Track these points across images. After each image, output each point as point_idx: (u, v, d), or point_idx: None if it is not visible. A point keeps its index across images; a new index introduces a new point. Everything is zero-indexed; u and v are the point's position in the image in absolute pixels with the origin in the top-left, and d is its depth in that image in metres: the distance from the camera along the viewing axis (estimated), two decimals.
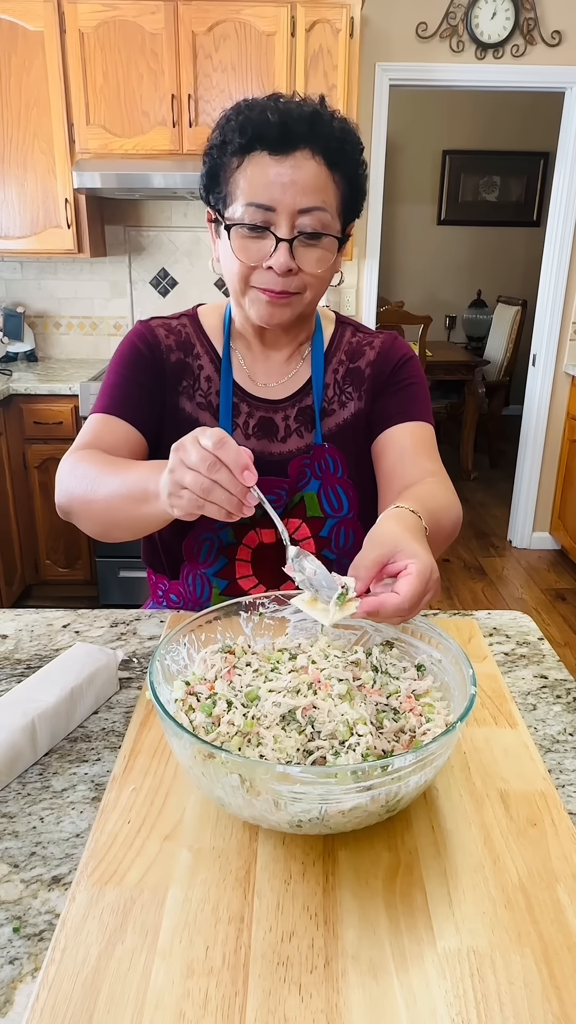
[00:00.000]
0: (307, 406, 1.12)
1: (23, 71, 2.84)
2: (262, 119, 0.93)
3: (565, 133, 3.44)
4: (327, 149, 0.94)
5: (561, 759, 0.80)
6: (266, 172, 0.93)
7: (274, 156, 0.93)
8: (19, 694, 0.82)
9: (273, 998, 0.53)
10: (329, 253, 0.98)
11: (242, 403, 1.11)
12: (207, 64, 2.83)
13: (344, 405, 1.12)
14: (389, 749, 0.69)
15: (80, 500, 0.97)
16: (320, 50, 2.82)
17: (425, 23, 3.19)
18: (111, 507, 0.93)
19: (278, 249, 0.94)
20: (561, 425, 3.78)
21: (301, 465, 1.09)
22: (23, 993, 0.55)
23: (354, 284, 3.50)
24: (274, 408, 1.11)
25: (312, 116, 0.94)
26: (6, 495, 2.96)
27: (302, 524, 1.10)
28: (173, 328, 1.12)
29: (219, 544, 1.09)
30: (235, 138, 0.94)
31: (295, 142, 0.92)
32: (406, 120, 5.70)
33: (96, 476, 0.95)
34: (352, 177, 1.00)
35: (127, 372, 1.09)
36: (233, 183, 0.96)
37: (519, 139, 6.01)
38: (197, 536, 1.09)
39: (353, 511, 1.11)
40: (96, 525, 0.99)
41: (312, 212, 0.94)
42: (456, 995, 0.53)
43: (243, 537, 1.09)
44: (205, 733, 0.70)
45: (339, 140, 0.95)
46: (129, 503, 0.89)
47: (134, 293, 3.50)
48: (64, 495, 1.00)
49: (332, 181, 0.96)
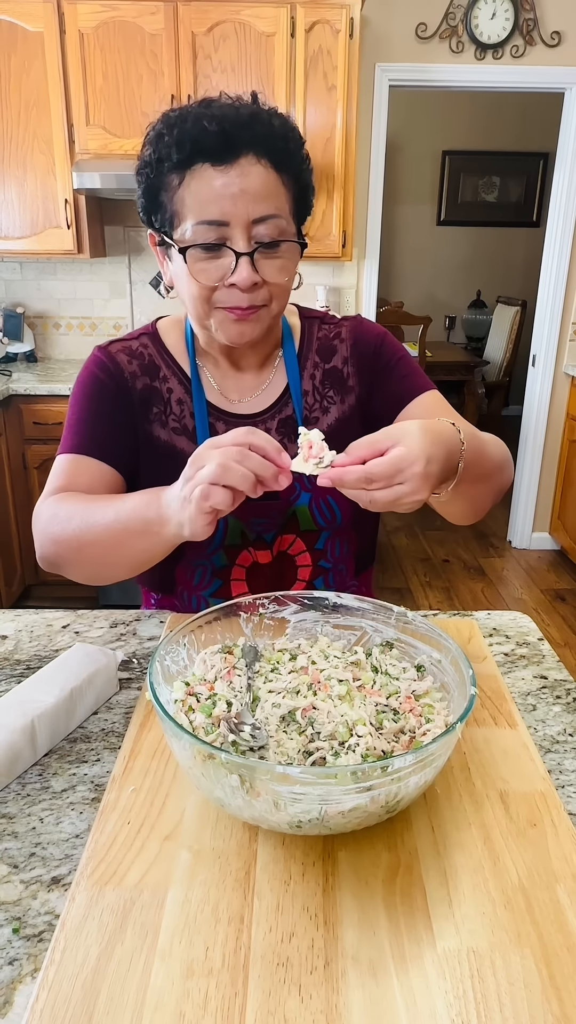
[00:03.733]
0: (288, 416, 1.07)
1: (23, 71, 2.84)
2: (198, 129, 0.86)
3: (564, 133, 3.44)
4: (272, 150, 0.89)
5: (561, 759, 0.80)
6: (212, 185, 0.87)
7: (217, 167, 0.86)
8: (19, 695, 0.82)
9: (273, 999, 0.53)
10: (290, 261, 0.93)
11: (218, 423, 1.05)
12: (207, 65, 2.83)
13: (327, 411, 1.07)
14: (389, 750, 0.69)
15: (68, 546, 0.91)
16: (320, 51, 2.82)
17: (425, 24, 3.19)
18: (106, 546, 0.87)
19: (239, 264, 0.88)
20: (561, 425, 3.78)
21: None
22: (23, 994, 0.55)
23: (354, 285, 3.50)
24: (253, 423, 1.05)
25: (251, 118, 0.88)
26: (6, 495, 2.96)
27: (296, 539, 1.06)
28: (135, 351, 1.06)
29: (212, 568, 1.06)
30: (172, 154, 0.88)
31: (238, 149, 0.86)
32: (406, 120, 5.71)
33: (83, 517, 0.88)
34: (298, 174, 0.94)
35: (92, 405, 1.02)
36: (177, 201, 0.89)
37: (518, 139, 6.02)
38: (189, 562, 1.06)
39: (346, 520, 1.07)
40: (90, 569, 0.93)
41: (267, 220, 0.88)
42: (456, 995, 0.53)
43: (236, 558, 1.06)
44: (205, 734, 0.70)
45: (283, 139, 0.90)
46: (128, 537, 0.84)
47: (134, 293, 3.50)
48: (48, 544, 0.93)
49: (281, 184, 0.90)
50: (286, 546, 1.07)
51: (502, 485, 0.98)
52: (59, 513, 0.92)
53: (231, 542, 1.05)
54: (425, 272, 6.42)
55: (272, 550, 1.06)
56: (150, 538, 0.83)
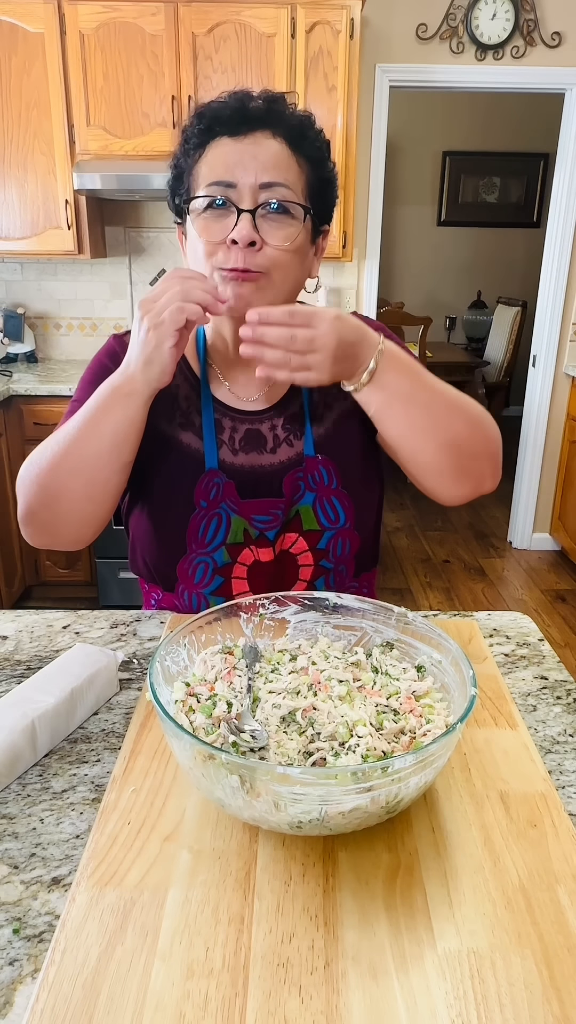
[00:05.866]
0: (294, 413, 1.08)
1: (23, 72, 2.84)
2: (219, 104, 0.94)
3: (565, 134, 3.44)
4: (287, 128, 0.93)
5: (561, 760, 0.80)
6: (226, 152, 0.92)
7: (233, 137, 0.92)
8: (19, 695, 0.82)
9: (273, 999, 0.53)
10: (297, 231, 0.93)
11: (224, 418, 1.07)
12: (207, 65, 2.83)
13: (330, 407, 1.09)
14: (389, 750, 0.69)
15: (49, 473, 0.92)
16: (320, 51, 2.82)
17: (425, 24, 3.19)
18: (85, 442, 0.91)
19: (240, 220, 0.90)
20: (561, 426, 3.78)
21: (295, 480, 1.06)
22: (23, 994, 0.54)
23: (354, 285, 3.50)
24: (259, 419, 1.07)
25: (269, 100, 0.94)
26: (6, 496, 2.96)
27: (299, 537, 1.07)
28: None
29: (214, 566, 1.06)
30: (195, 130, 0.94)
31: (253, 123, 0.92)
32: (406, 121, 5.71)
33: (56, 437, 0.92)
34: (317, 163, 0.97)
35: (93, 389, 1.02)
36: (195, 173, 0.95)
37: (519, 140, 6.02)
38: (191, 560, 1.06)
39: (349, 521, 1.08)
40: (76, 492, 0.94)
41: (274, 187, 0.91)
42: (456, 996, 0.53)
43: (238, 556, 1.06)
44: (205, 734, 0.70)
45: (298, 123, 0.95)
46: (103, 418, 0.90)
47: (134, 294, 3.50)
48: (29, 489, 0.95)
49: (295, 162, 0.93)
50: (288, 545, 1.07)
51: (472, 439, 0.95)
52: (33, 455, 0.95)
53: (233, 540, 1.05)
54: (425, 273, 6.42)
55: (274, 548, 1.07)
56: (123, 404, 0.89)
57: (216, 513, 1.04)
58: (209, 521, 1.04)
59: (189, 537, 1.04)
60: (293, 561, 1.08)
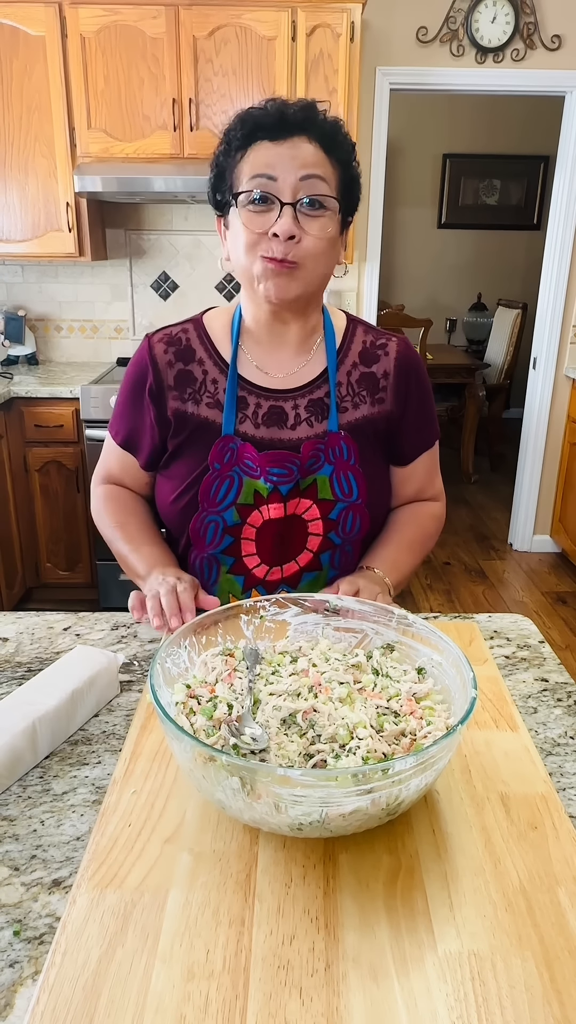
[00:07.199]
0: (318, 398, 1.14)
1: (24, 75, 2.85)
2: (260, 112, 1.04)
3: (565, 137, 3.44)
4: (322, 135, 1.03)
5: (562, 762, 0.80)
6: (267, 153, 1.02)
7: (273, 141, 1.02)
8: (20, 697, 0.82)
9: (274, 1001, 0.53)
10: (331, 223, 1.04)
11: (249, 396, 1.14)
12: (208, 68, 2.84)
13: (357, 407, 1.15)
14: (390, 752, 0.69)
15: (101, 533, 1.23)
16: (321, 54, 2.83)
17: (425, 27, 3.20)
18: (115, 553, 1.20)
19: (282, 213, 1.00)
20: (561, 428, 3.78)
21: (315, 448, 1.11)
22: (23, 996, 0.55)
23: (354, 287, 3.51)
24: (284, 397, 1.14)
25: (306, 107, 1.04)
26: (7, 498, 2.96)
27: (312, 505, 1.12)
28: (174, 338, 1.17)
29: (224, 525, 1.12)
30: (237, 134, 1.04)
31: (292, 129, 1.02)
32: (406, 124, 5.71)
33: (109, 534, 1.20)
34: (346, 165, 1.07)
35: (128, 395, 1.19)
36: (238, 171, 1.04)
37: (519, 143, 6.02)
38: (202, 518, 1.12)
39: (361, 498, 1.14)
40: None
41: (311, 179, 1.01)
42: (457, 998, 0.53)
43: (248, 517, 1.12)
44: (206, 736, 0.70)
45: (332, 132, 1.05)
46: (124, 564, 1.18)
47: (135, 296, 3.51)
48: (95, 519, 1.25)
49: (330, 163, 1.04)
50: (302, 510, 1.12)
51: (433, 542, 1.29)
52: (101, 516, 1.23)
53: (244, 501, 1.11)
54: (426, 275, 6.42)
55: (286, 507, 1.11)
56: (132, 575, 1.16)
57: (229, 475, 1.11)
58: (222, 482, 1.11)
59: (201, 496, 1.11)
60: (303, 527, 1.13)
